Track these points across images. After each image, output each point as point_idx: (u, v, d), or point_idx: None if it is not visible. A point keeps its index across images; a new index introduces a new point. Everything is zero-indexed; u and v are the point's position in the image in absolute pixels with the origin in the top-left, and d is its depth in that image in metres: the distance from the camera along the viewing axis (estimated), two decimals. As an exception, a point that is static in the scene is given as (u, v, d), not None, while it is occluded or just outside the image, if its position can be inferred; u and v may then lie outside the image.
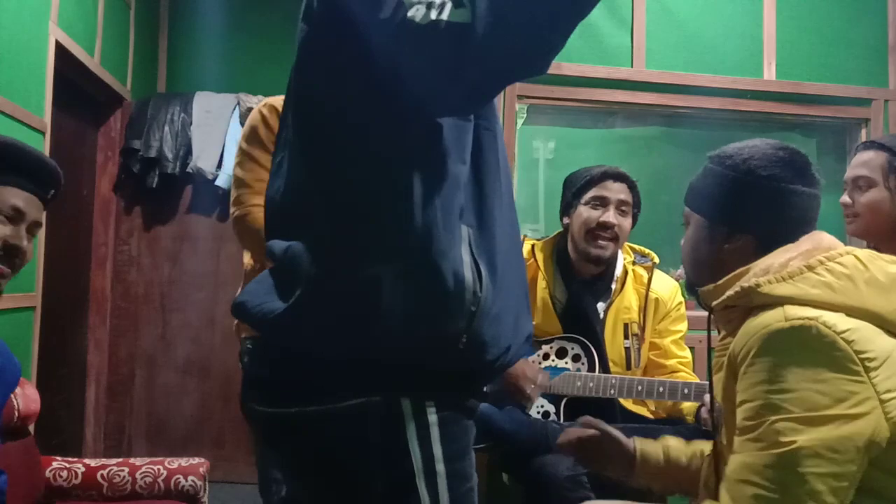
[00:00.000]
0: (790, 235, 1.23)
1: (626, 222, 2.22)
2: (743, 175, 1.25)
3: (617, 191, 2.20)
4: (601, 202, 2.19)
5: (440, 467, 0.97)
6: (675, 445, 1.51)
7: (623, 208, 2.21)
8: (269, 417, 1.04)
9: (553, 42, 0.91)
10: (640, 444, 1.51)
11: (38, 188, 1.48)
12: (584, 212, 2.20)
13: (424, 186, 0.96)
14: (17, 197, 1.43)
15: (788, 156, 1.25)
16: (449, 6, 0.89)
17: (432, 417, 0.98)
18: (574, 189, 2.24)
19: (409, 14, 0.88)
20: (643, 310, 2.25)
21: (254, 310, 1.03)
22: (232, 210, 1.98)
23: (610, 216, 2.17)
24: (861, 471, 1.08)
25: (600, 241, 2.18)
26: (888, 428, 1.08)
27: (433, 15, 0.88)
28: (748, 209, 1.26)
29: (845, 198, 1.89)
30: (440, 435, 0.98)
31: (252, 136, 1.97)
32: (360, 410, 0.96)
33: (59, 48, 2.93)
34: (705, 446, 1.46)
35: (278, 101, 2.01)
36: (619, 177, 2.22)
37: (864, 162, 1.87)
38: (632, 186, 2.24)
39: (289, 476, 1.11)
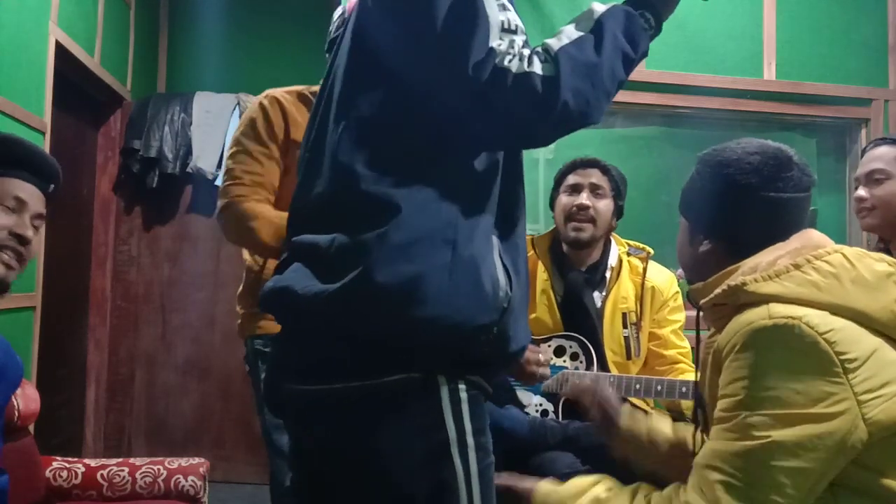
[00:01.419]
0: (763, 241, 1.23)
1: (602, 204, 2.25)
2: (709, 182, 1.28)
3: (588, 175, 2.28)
4: (575, 188, 2.28)
5: (470, 440, 1.07)
6: (657, 427, 1.50)
7: (598, 191, 2.26)
8: (310, 395, 1.11)
9: (613, 94, 1.11)
10: (628, 421, 1.52)
11: (39, 181, 1.52)
12: (562, 199, 2.29)
13: (472, 201, 1.10)
14: (19, 188, 1.48)
15: (760, 161, 1.24)
16: (536, 59, 1.03)
17: (463, 395, 1.08)
18: (554, 182, 2.35)
19: (506, 63, 1.02)
20: (640, 299, 2.28)
21: (301, 291, 1.09)
22: (219, 202, 1.96)
23: (583, 198, 2.24)
24: (832, 468, 1.09)
25: (576, 223, 2.24)
26: (865, 429, 1.08)
27: (525, 66, 1.02)
28: (716, 217, 1.28)
29: (860, 192, 1.90)
30: (469, 411, 1.08)
31: (249, 129, 1.96)
32: (400, 385, 1.05)
33: (59, 48, 2.93)
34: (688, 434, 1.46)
35: (279, 92, 2.00)
36: (590, 163, 2.30)
37: (878, 156, 1.90)
38: (605, 171, 2.29)
39: (321, 454, 1.15)
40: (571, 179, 2.28)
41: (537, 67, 1.02)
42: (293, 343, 1.16)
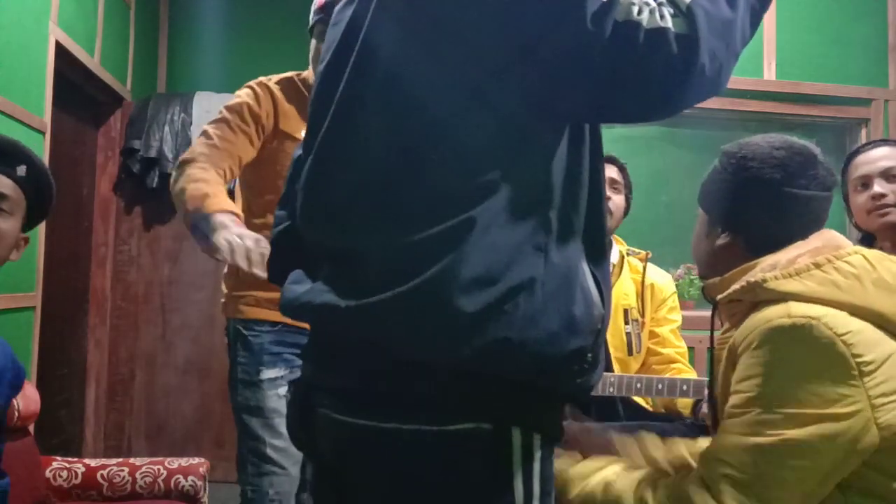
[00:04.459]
0: (786, 238, 1.22)
1: (618, 198, 2.31)
2: (732, 175, 1.26)
3: (608, 170, 2.32)
4: None
5: None
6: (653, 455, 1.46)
7: (615, 185, 2.32)
8: (350, 428, 0.90)
9: (737, 59, 0.91)
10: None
11: (1, 165, 1.46)
12: None
13: (564, 198, 0.90)
14: None
15: (785, 156, 1.24)
16: (667, 13, 0.84)
17: (537, 453, 0.89)
18: None
19: (635, 16, 0.81)
20: (640, 296, 2.32)
21: (337, 303, 0.89)
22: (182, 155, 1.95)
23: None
24: (839, 470, 1.08)
25: None
26: (877, 434, 1.08)
27: (658, 20, 0.83)
28: (737, 211, 1.26)
29: (878, 189, 1.83)
30: (541, 472, 0.89)
31: (236, 105, 1.98)
32: (465, 437, 0.85)
33: (59, 48, 2.93)
34: (685, 448, 1.42)
35: (271, 82, 2.03)
36: (610, 159, 2.36)
37: (885, 155, 1.86)
38: (621, 168, 2.36)
39: (355, 489, 0.94)
40: None
41: (669, 23, 0.83)
42: (330, 362, 0.95)
